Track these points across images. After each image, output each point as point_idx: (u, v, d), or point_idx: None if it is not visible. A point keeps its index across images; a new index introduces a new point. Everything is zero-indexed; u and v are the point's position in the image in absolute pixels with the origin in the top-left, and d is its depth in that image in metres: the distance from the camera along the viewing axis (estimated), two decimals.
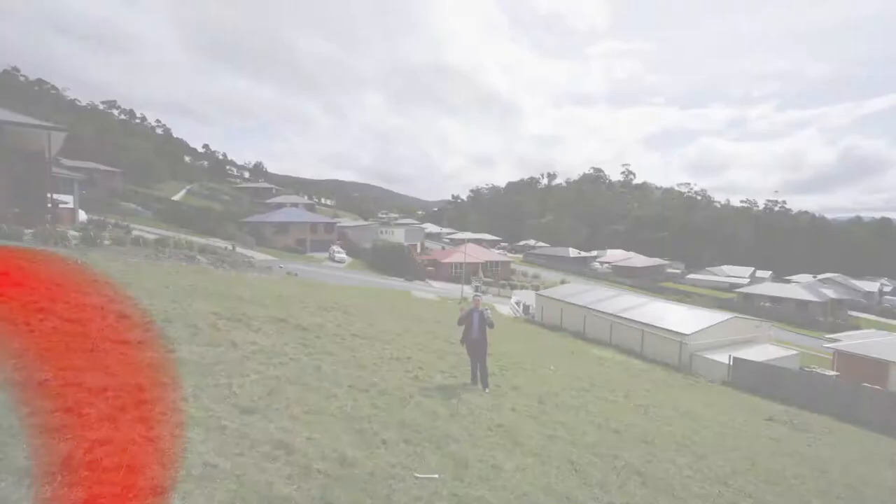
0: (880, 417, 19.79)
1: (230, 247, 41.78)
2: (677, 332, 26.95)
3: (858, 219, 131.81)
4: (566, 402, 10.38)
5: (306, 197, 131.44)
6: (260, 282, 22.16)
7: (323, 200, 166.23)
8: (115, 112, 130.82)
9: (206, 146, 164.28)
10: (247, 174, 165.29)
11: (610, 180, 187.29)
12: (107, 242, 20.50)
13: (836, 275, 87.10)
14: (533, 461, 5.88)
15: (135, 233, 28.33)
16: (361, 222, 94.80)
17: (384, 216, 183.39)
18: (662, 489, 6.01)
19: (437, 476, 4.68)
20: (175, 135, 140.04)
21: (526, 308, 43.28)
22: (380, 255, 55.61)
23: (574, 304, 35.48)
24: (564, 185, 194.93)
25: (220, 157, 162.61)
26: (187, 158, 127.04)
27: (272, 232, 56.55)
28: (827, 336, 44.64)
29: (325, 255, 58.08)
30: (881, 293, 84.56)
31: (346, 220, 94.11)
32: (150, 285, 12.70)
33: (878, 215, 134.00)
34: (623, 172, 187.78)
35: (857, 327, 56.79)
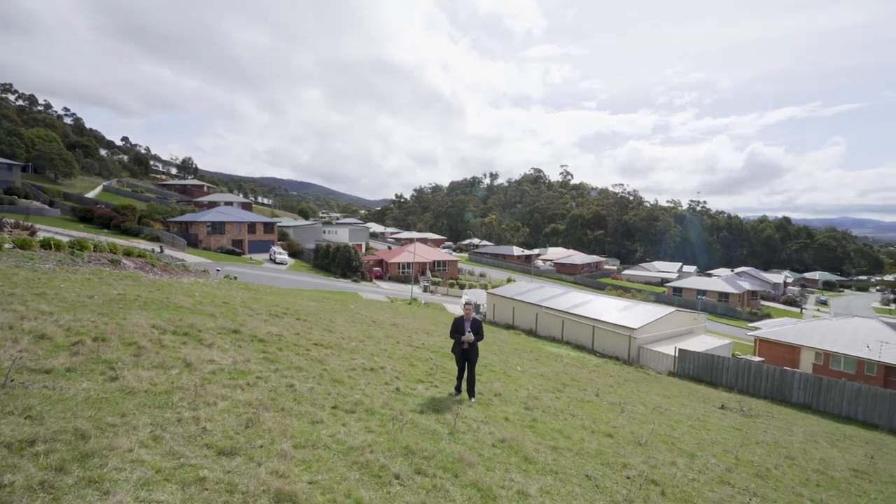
0: (804, 397, 21.72)
1: (158, 249, 38.02)
2: (626, 327, 27.96)
3: (765, 218, 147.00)
4: (551, 407, 10.05)
5: (241, 195, 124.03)
6: (199, 287, 20.02)
7: (260, 199, 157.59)
8: (11, 97, 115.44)
9: (125, 139, 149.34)
10: (174, 170, 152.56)
11: (549, 180, 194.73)
12: (7, 245, 17.49)
13: (749, 268, 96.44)
14: (553, 480, 5.37)
15: (42, 234, 24.70)
16: (303, 222, 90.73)
17: (325, 215, 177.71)
18: (682, 498, 5.75)
19: None
20: (88, 125, 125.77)
21: (477, 307, 43.31)
22: (324, 255, 53.32)
23: (525, 302, 35.91)
24: (506, 184, 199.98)
25: (143, 151, 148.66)
26: (104, 152, 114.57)
27: (206, 232, 52.32)
28: (749, 325, 48.95)
29: (265, 256, 54.78)
30: (785, 284, 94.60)
31: (286, 220, 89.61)
32: (70, 296, 10.79)
33: (779, 215, 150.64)
34: (562, 173, 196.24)
35: (769, 315, 62.97)
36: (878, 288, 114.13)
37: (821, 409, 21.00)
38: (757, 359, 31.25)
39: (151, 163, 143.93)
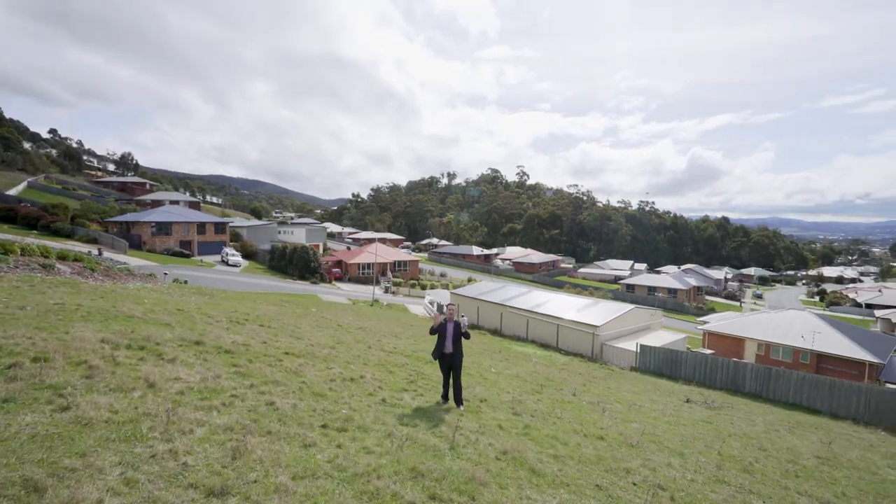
0: (755, 387, 23.03)
1: (96, 252, 34.95)
2: (589, 325, 28.58)
3: (706, 217, 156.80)
4: (538, 410, 9.87)
5: (188, 194, 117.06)
6: (147, 293, 18.39)
7: (209, 198, 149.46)
8: None
9: (53, 131, 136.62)
10: (111, 167, 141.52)
11: (506, 180, 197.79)
12: None
13: (694, 265, 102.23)
14: (567, 494, 5.11)
15: None
16: (256, 222, 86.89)
17: (279, 215, 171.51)
18: (691, 502, 5.66)
19: None
20: (7, 114, 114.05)
21: (440, 307, 43.03)
22: (280, 256, 51.18)
23: (490, 302, 36.04)
24: (464, 184, 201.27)
25: (75, 145, 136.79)
26: (27, 145, 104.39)
27: (150, 233, 48.77)
28: (697, 319, 51.67)
29: (217, 258, 51.86)
30: (726, 280, 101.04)
31: (239, 220, 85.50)
32: None
33: (718, 215, 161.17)
34: (518, 173, 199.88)
35: (713, 309, 66.86)
36: (803, 282, 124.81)
37: (770, 398, 22.28)
38: (708, 351, 32.96)
39: (85, 158, 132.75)
